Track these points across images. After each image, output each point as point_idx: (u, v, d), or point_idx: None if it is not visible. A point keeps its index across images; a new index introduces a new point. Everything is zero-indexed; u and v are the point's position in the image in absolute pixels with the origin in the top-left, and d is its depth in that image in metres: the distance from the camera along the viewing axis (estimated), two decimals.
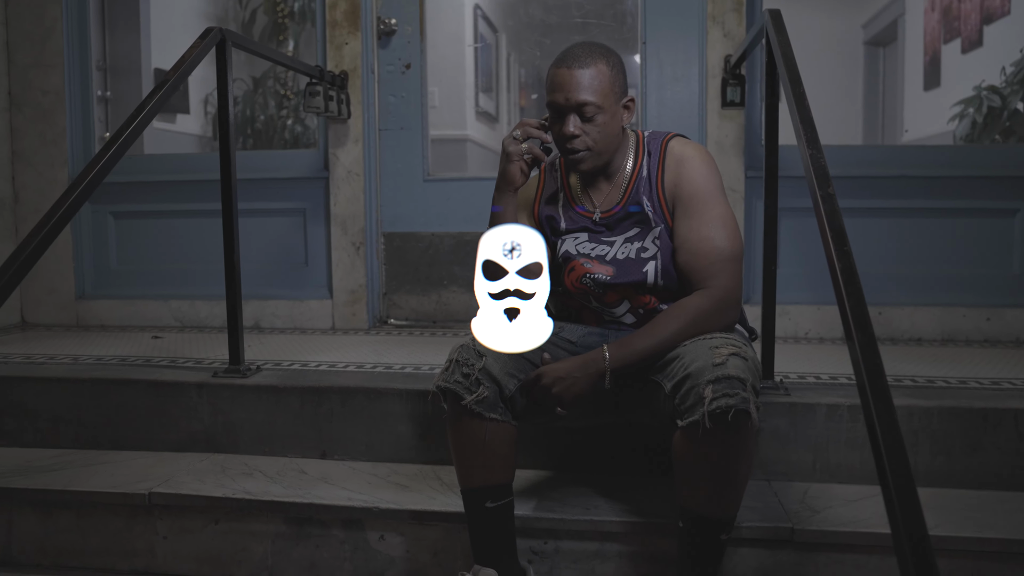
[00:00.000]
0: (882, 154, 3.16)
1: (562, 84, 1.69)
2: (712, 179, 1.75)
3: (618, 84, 1.73)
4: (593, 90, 1.68)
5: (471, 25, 5.02)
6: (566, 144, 1.72)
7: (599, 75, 1.69)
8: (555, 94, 1.70)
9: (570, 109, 1.69)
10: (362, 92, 3.19)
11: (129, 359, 2.66)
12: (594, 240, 1.82)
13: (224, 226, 2.34)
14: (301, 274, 3.36)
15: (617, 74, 1.73)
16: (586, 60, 1.69)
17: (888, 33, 6.56)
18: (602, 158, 1.75)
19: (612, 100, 1.71)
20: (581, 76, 1.68)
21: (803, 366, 2.47)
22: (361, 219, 3.23)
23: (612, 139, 1.74)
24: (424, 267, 3.29)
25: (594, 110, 1.69)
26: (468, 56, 5.05)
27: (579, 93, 1.68)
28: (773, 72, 2.02)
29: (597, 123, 1.70)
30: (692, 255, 1.71)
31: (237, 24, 5.42)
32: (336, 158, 3.23)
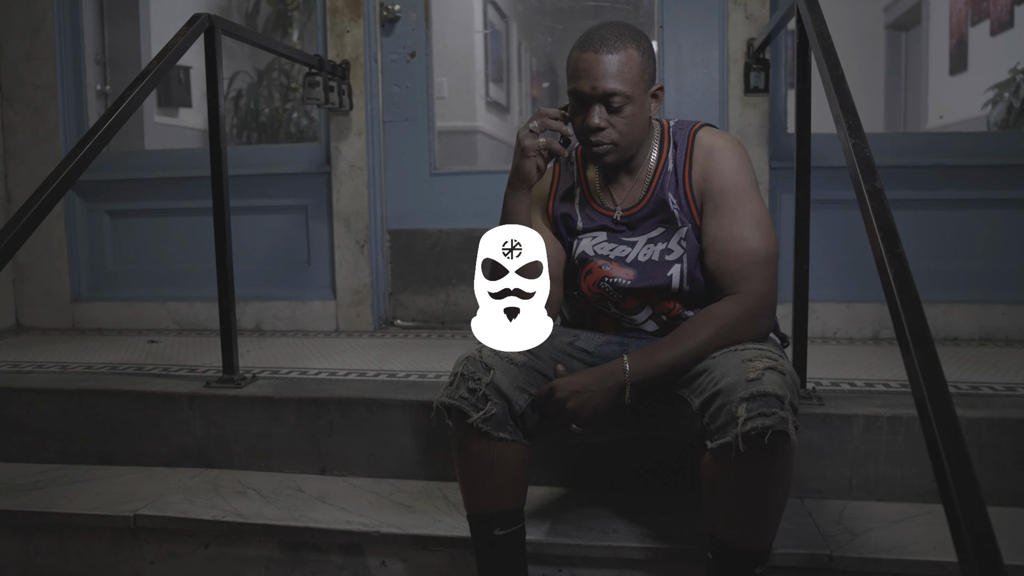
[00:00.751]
0: (910, 142, 2.97)
1: (588, 70, 1.53)
2: (745, 173, 1.59)
3: (648, 71, 1.57)
4: (623, 78, 1.52)
5: (480, 12, 4.86)
6: (590, 137, 1.56)
7: (629, 61, 1.53)
8: (580, 81, 1.54)
9: (596, 99, 1.53)
10: (365, 82, 3.04)
11: (120, 367, 2.52)
12: (614, 240, 1.66)
13: (216, 226, 2.20)
14: (303, 274, 3.21)
15: (648, 60, 1.56)
16: (615, 44, 1.53)
17: (911, 16, 6.35)
18: (628, 152, 1.59)
19: (642, 89, 1.55)
20: (609, 62, 1.52)
21: (836, 371, 2.31)
22: (365, 216, 3.08)
23: (640, 132, 1.58)
24: (432, 265, 3.14)
25: (623, 100, 1.53)
26: (477, 45, 4.89)
27: (607, 81, 1.52)
28: (805, 54, 1.85)
29: (625, 115, 1.54)
30: (722, 257, 1.55)
31: (240, 14, 5.28)
32: (338, 152, 3.08)
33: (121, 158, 3.47)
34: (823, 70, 1.57)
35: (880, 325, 2.88)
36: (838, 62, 1.57)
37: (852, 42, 6.22)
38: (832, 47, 1.61)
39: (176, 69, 4.76)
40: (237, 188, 3.20)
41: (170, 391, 2.19)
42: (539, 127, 1.57)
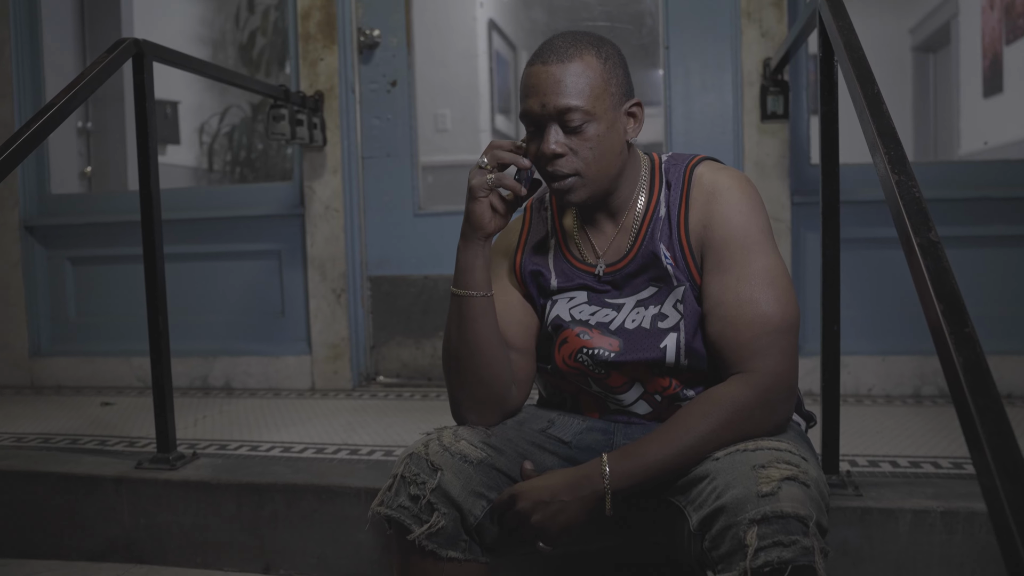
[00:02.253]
0: (948, 172, 2.63)
1: (536, 86, 1.23)
2: (755, 218, 1.27)
3: (615, 82, 1.26)
4: (578, 90, 1.21)
5: (485, 41, 4.61)
6: (547, 167, 1.25)
7: (587, 70, 1.22)
8: (528, 100, 1.24)
9: (549, 118, 1.23)
10: (340, 114, 2.76)
11: (55, 439, 2.23)
12: (595, 303, 1.34)
13: (147, 281, 1.91)
14: (277, 326, 2.92)
15: (613, 69, 1.26)
16: (567, 52, 1.23)
17: (939, 37, 6.04)
18: (598, 185, 1.27)
19: (607, 104, 1.24)
20: (561, 73, 1.21)
21: (873, 444, 1.96)
22: (342, 262, 2.79)
23: (611, 158, 1.27)
24: (417, 315, 2.83)
25: (582, 117, 1.22)
26: (482, 74, 4.64)
27: (559, 96, 1.21)
28: (829, 70, 1.54)
29: (588, 136, 1.23)
30: (728, 324, 1.22)
31: (235, 46, 5.07)
32: (312, 192, 2.79)
33: (84, 200, 3.22)
34: (854, 89, 1.26)
35: (921, 380, 2.52)
36: (872, 78, 1.26)
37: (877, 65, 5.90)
38: (864, 60, 1.30)
39: (162, 104, 4.53)
40: (205, 232, 2.94)
41: (95, 473, 1.89)
42: (490, 162, 1.26)
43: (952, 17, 5.60)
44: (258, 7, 4.97)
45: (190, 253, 2.96)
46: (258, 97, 4.78)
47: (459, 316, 1.30)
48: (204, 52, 4.95)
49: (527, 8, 3.67)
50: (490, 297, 1.30)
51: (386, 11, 2.79)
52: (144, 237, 1.88)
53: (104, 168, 3.80)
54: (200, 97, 5.03)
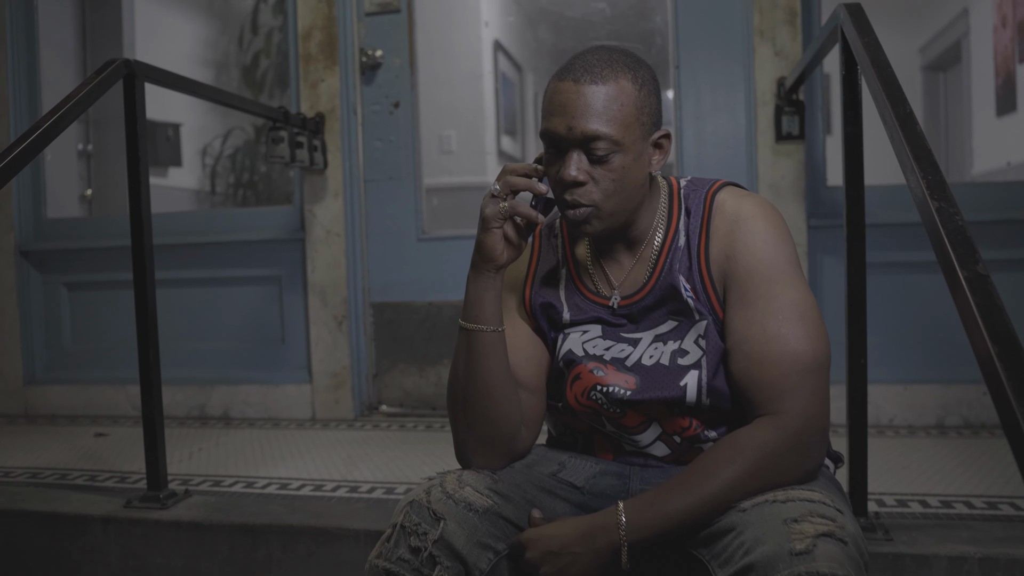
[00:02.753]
0: (978, 194, 2.55)
1: (564, 105, 1.14)
2: (782, 248, 1.18)
3: (648, 112, 1.17)
4: (610, 117, 1.13)
5: (490, 62, 4.56)
6: (564, 195, 1.17)
7: (620, 95, 1.14)
8: (553, 119, 1.15)
9: (574, 143, 1.14)
10: (342, 137, 2.69)
11: (43, 473, 2.14)
12: (610, 337, 1.25)
13: (137, 310, 1.82)
14: (277, 353, 2.83)
15: (647, 97, 1.17)
16: (602, 72, 1.14)
17: (949, 56, 5.98)
18: (615, 219, 1.19)
19: (637, 134, 1.16)
20: (592, 95, 1.13)
21: (900, 481, 1.86)
22: (343, 287, 2.71)
23: (632, 192, 1.18)
24: (420, 342, 2.74)
25: (609, 147, 1.13)
26: (488, 96, 4.58)
27: (588, 120, 1.12)
28: (853, 88, 1.46)
29: (612, 167, 1.14)
30: (753, 363, 1.13)
31: (239, 68, 5.02)
32: (313, 216, 2.72)
33: (81, 224, 3.15)
34: (884, 109, 1.17)
35: (945, 410, 2.43)
36: (904, 97, 1.17)
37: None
38: (894, 78, 1.22)
39: (164, 126, 4.48)
40: (203, 257, 2.87)
41: (82, 512, 1.80)
42: (503, 189, 1.18)
43: (963, 36, 5.53)
44: (262, 28, 4.93)
45: (188, 278, 2.88)
46: (262, 119, 4.73)
47: (467, 352, 1.22)
48: (207, 74, 4.90)
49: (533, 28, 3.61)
50: (501, 332, 1.21)
51: (389, 31, 2.73)
52: (135, 264, 1.80)
53: (105, 191, 3.74)
54: (203, 119, 4.98)
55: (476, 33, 4.03)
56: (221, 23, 5.08)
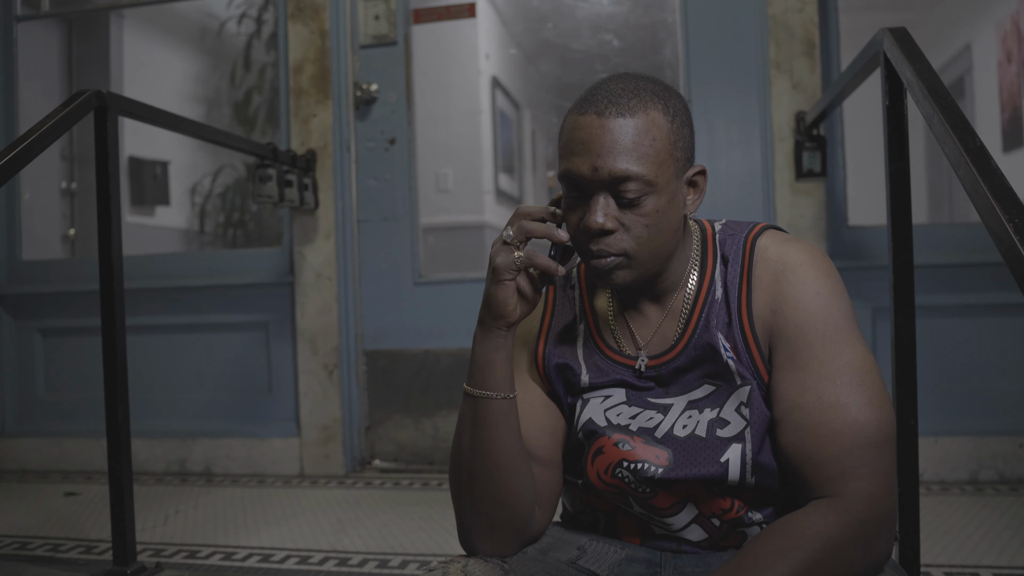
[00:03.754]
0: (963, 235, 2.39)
1: (588, 142, 0.98)
2: (837, 301, 1.02)
3: (681, 146, 1.02)
4: (641, 154, 0.97)
5: (488, 99, 4.44)
6: (591, 245, 1.01)
7: (652, 128, 0.98)
8: (574, 159, 0.99)
9: (600, 185, 0.98)
10: (334, 175, 2.54)
11: (1, 542, 1.96)
12: (636, 403, 1.09)
13: (105, 364, 1.66)
14: (263, 405, 2.66)
15: (680, 129, 1.02)
16: (630, 103, 0.99)
17: (952, 92, 5.88)
18: (647, 268, 1.03)
19: (671, 172, 1.00)
20: (620, 130, 0.97)
21: (945, 549, 1.69)
22: (334, 335, 2.54)
23: (667, 237, 1.02)
24: (416, 393, 2.57)
25: (641, 189, 0.97)
26: (485, 133, 4.46)
27: (616, 159, 0.97)
28: (899, 119, 1.31)
29: (645, 211, 0.98)
30: (809, 436, 0.97)
31: (230, 105, 4.90)
32: (303, 258, 2.56)
33: (58, 267, 2.98)
34: (948, 143, 1.03)
35: (979, 464, 2.26)
36: (971, 128, 1.03)
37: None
38: (956, 106, 1.07)
39: (151, 164, 4.34)
40: (186, 301, 2.71)
41: None
42: (516, 235, 1.02)
43: (966, 71, 5.45)
44: (254, 65, 4.82)
45: (170, 324, 2.71)
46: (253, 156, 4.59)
47: (473, 422, 1.05)
48: (198, 111, 4.78)
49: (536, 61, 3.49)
50: (512, 400, 1.05)
51: (385, 65, 2.59)
52: (103, 311, 1.65)
53: (89, 231, 3.59)
54: (192, 156, 4.85)
55: (474, 68, 3.91)
56: (213, 59, 4.97)
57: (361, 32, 2.59)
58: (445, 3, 2.64)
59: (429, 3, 2.65)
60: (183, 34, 4.74)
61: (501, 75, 4.37)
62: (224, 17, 4.78)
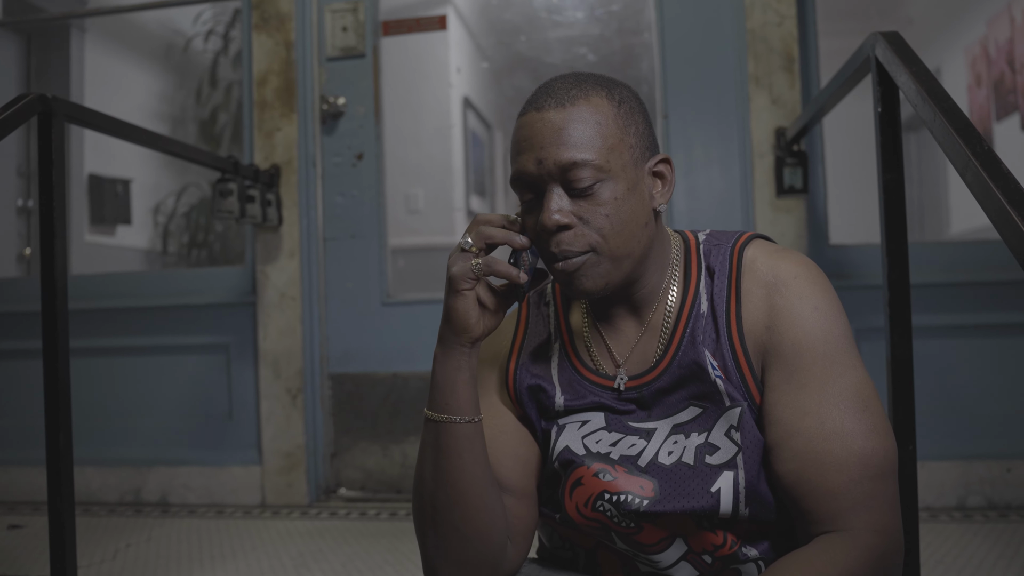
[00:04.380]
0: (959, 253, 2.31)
1: (530, 138, 0.91)
2: (835, 318, 0.95)
3: (634, 131, 0.95)
4: (586, 140, 0.90)
5: (459, 118, 4.38)
6: (550, 245, 0.92)
7: (595, 113, 0.91)
8: (520, 158, 0.92)
9: (548, 178, 0.91)
10: (299, 191, 2.45)
11: None
12: (617, 428, 1.00)
13: (46, 382, 1.54)
14: (223, 431, 2.53)
15: (629, 114, 0.95)
16: (568, 93, 0.92)
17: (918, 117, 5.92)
18: (619, 267, 0.95)
19: (625, 158, 0.93)
20: (562, 119, 0.90)
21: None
22: (298, 358, 2.43)
23: (634, 229, 0.94)
24: (384, 418, 2.46)
25: (592, 175, 0.90)
26: (456, 154, 4.39)
27: (559, 148, 0.89)
28: (893, 127, 1.25)
29: (601, 199, 0.91)
30: (810, 464, 0.88)
31: (196, 124, 4.79)
32: (266, 277, 2.45)
33: (11, 286, 2.85)
34: (955, 148, 0.95)
35: (966, 490, 2.19)
36: (978, 134, 0.96)
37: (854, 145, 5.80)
38: (959, 110, 1.00)
39: (112, 181, 4.21)
40: (143, 322, 2.58)
41: None
42: (475, 242, 0.93)
43: None
44: (221, 82, 4.72)
45: (125, 347, 2.58)
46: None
47: (436, 449, 0.96)
48: (163, 128, 4.67)
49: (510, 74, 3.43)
50: (478, 424, 0.96)
51: (353, 77, 2.51)
52: (44, 332, 1.53)
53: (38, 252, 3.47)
54: (156, 175, 4.73)
55: (445, 82, 3.84)
56: (178, 76, 4.86)
57: (328, 44, 2.50)
58: (415, 15, 2.57)
59: (399, 15, 2.57)
60: (148, 50, 4.63)
61: (472, 93, 4.31)
62: (190, 34, 4.68)
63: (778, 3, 2.25)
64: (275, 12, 2.46)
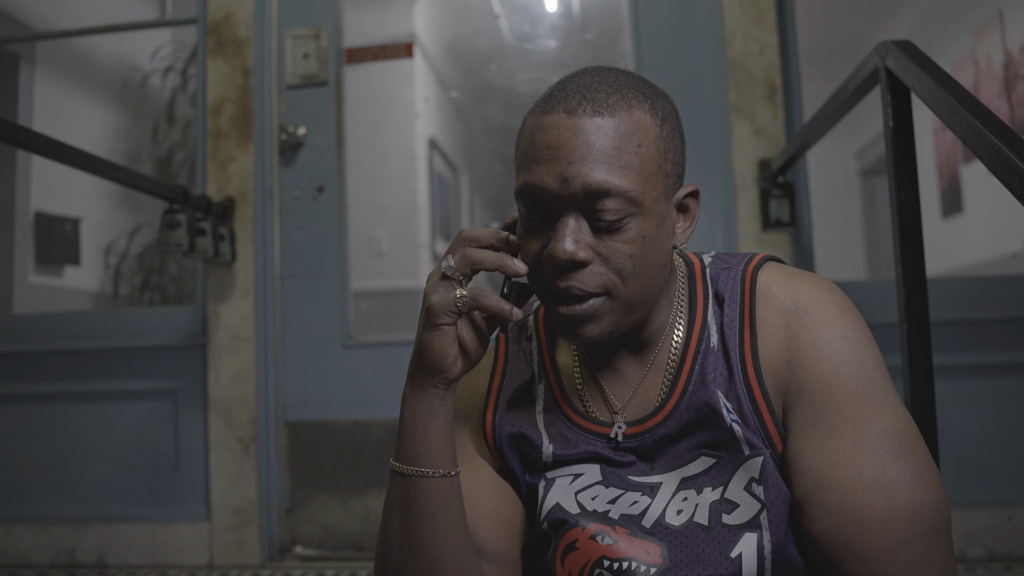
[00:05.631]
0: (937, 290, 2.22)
1: (555, 147, 0.76)
2: (866, 349, 0.82)
3: (671, 158, 0.81)
4: (624, 163, 0.76)
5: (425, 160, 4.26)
6: (557, 282, 0.78)
7: (637, 132, 0.78)
8: (536, 169, 0.77)
9: (570, 203, 0.77)
10: (254, 225, 2.29)
11: None
12: (616, 483, 0.86)
13: None
14: (168, 484, 2.33)
15: (670, 137, 0.82)
16: (608, 99, 0.78)
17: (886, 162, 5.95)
18: (631, 315, 0.81)
19: (660, 190, 0.80)
20: (597, 132, 0.76)
21: None
22: (251, 403, 2.25)
23: (654, 273, 0.81)
24: (344, 469, 2.28)
25: (622, 208, 0.76)
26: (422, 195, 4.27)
27: (592, 167, 0.75)
28: (907, 141, 1.13)
29: (628, 237, 0.77)
30: (850, 522, 0.75)
31: (152, 162, 4.62)
32: (217, 317, 2.28)
33: None
34: (995, 153, 0.83)
35: (966, 540, 2.06)
36: (1019, 136, 0.84)
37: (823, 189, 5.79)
38: (996, 116, 0.89)
39: (60, 220, 4.01)
40: (82, 366, 2.38)
41: None
42: (460, 266, 0.79)
43: None
44: (179, 120, 4.57)
45: (62, 392, 2.38)
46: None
47: (404, 508, 0.80)
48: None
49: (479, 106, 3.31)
50: (455, 478, 0.81)
51: (314, 106, 2.37)
52: None
53: None
54: (108, 214, 4.54)
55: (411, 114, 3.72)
56: (135, 113, 4.71)
57: (288, 71, 2.37)
58: (381, 42, 2.45)
59: (364, 42, 2.45)
60: (103, 86, 4.47)
61: (439, 130, 4.21)
62: (147, 70, 4.54)
63: (759, 32, 2.17)
64: (232, 36, 2.33)
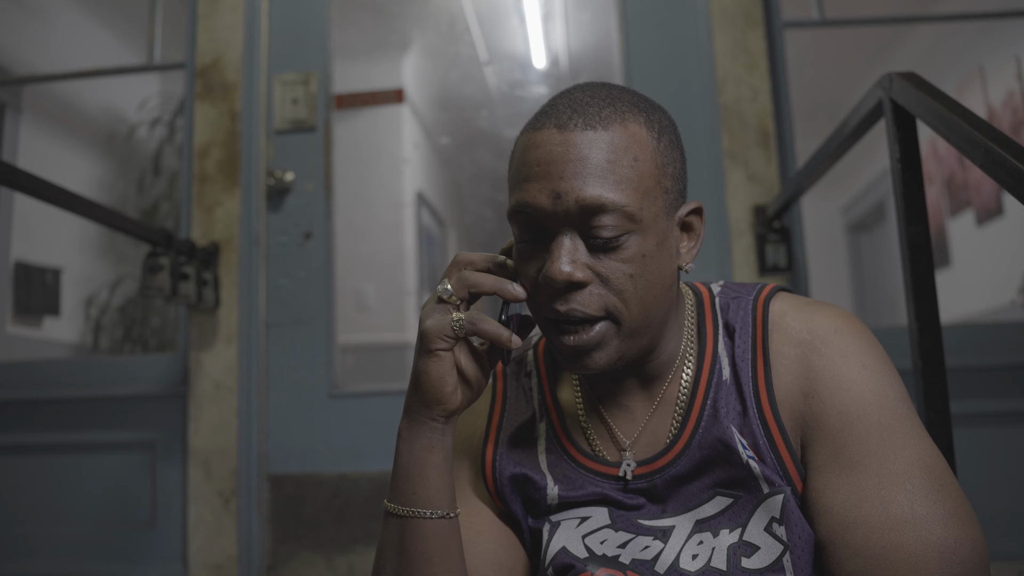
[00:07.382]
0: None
1: (546, 163, 0.73)
2: (889, 380, 0.77)
3: (671, 173, 0.78)
4: (620, 178, 0.73)
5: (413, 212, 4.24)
6: (556, 305, 0.74)
7: (632, 145, 0.74)
8: (530, 187, 0.74)
9: (564, 220, 0.73)
10: (239, 271, 2.23)
11: None
12: (625, 526, 0.80)
13: None
14: (144, 540, 2.23)
15: (668, 150, 0.78)
16: (601, 112, 0.75)
17: (873, 217, 6.02)
18: (637, 341, 0.76)
19: (659, 206, 0.76)
20: (592, 145, 0.73)
21: None
22: (233, 456, 2.17)
23: (659, 294, 0.76)
24: (329, 524, 2.19)
25: (620, 224, 0.73)
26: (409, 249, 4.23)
27: (585, 182, 0.72)
28: (914, 174, 1.10)
29: (627, 255, 0.73)
30: (878, 564, 0.69)
31: (138, 213, 4.59)
32: (199, 365, 2.21)
33: None
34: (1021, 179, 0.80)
35: None
36: None
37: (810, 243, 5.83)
38: (1014, 141, 0.85)
39: (41, 271, 3.95)
40: (56, 417, 2.29)
41: None
42: (457, 290, 0.74)
43: (887, 195, 5.55)
44: (165, 171, 4.54)
45: (33, 444, 2.29)
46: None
47: (399, 553, 0.74)
48: None
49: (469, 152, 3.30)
50: (454, 520, 0.75)
51: (302, 152, 2.34)
52: None
53: None
54: (91, 265, 4.47)
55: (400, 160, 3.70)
56: (121, 164, 4.68)
57: (277, 116, 2.35)
58: (371, 88, 2.43)
59: (353, 87, 2.43)
60: (89, 136, 4.45)
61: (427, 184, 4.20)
62: (134, 121, 4.53)
63: (751, 78, 2.17)
64: (220, 81, 2.30)
